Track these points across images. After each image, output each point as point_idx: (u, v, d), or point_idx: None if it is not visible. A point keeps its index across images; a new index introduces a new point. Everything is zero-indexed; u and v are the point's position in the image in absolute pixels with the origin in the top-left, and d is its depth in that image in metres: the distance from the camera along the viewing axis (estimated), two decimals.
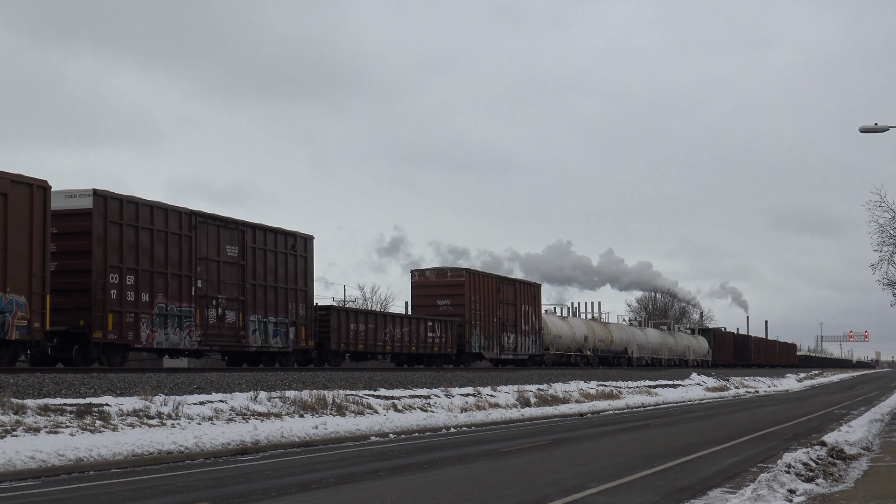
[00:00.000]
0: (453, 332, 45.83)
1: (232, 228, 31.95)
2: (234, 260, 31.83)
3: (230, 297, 31.52)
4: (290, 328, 34.47)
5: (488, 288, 48.89)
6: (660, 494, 13.87)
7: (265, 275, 33.30)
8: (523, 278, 60.47)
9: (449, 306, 46.85)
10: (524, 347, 52.90)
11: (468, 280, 47.09)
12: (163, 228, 28.82)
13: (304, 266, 35.48)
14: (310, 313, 35.79)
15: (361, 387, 30.38)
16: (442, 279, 47.68)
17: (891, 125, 29.75)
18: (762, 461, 18.54)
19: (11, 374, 21.61)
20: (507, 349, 50.74)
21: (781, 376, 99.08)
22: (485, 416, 30.27)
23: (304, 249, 35.61)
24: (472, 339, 47.02)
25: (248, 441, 20.06)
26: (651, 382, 55.25)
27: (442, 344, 44.76)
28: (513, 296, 51.79)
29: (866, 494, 12.98)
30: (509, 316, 51.08)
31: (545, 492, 13.81)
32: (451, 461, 18.10)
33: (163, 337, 28.47)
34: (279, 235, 34.33)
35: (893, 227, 35.55)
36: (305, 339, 35.46)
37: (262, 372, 29.93)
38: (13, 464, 15.21)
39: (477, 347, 47.39)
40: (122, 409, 20.42)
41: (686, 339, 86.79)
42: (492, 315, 48.91)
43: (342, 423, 24.11)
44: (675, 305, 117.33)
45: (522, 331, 52.65)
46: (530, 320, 53.96)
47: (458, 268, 49.17)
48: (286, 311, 34.34)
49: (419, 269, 49.47)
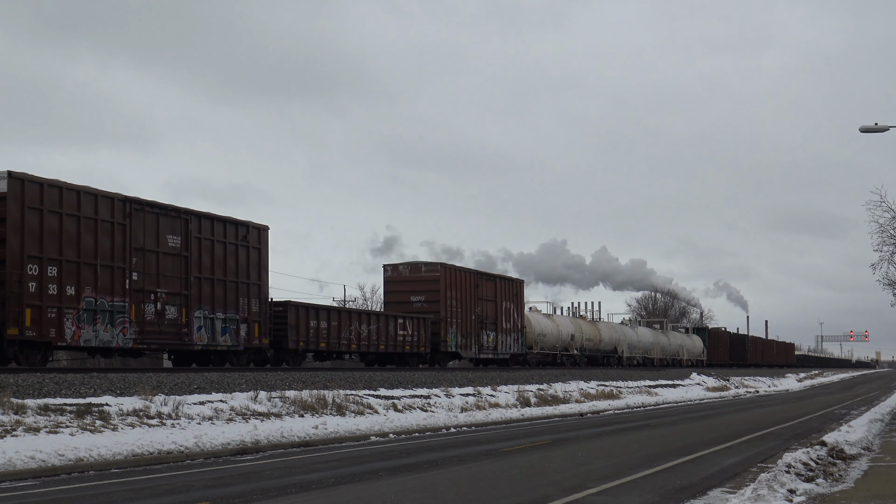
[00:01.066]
0: (427, 329, 43.07)
1: (173, 217, 29.46)
2: (175, 251, 29.37)
3: (171, 291, 29.07)
4: (241, 325, 32.00)
5: (466, 283, 46.41)
6: (660, 494, 13.87)
7: (212, 267, 30.81)
8: (504, 273, 57.25)
9: (423, 303, 44.25)
10: (505, 346, 50.46)
11: (443, 275, 44.53)
12: (92, 216, 26.36)
13: (257, 258, 32.98)
14: (264, 309, 33.22)
15: (361, 387, 30.39)
16: (416, 274, 44.91)
17: (891, 125, 29.75)
18: (762, 461, 18.54)
19: (11, 374, 21.62)
20: (487, 348, 48.40)
21: (781, 376, 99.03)
22: (485, 416, 30.27)
23: (258, 240, 33.08)
24: (448, 338, 44.53)
25: (248, 441, 20.06)
26: (651, 382, 55.25)
27: (414, 342, 42.11)
28: (493, 292, 49.32)
29: (866, 494, 12.98)
30: (489, 313, 48.64)
31: (545, 492, 13.81)
32: (452, 461, 18.10)
33: (91, 334, 26.07)
34: (229, 225, 31.82)
35: (893, 226, 35.54)
36: (259, 336, 32.93)
37: (262, 372, 29.92)
38: (13, 464, 15.21)
39: (453, 346, 45.03)
40: (122, 408, 20.43)
41: (680, 338, 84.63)
42: (470, 312, 46.51)
43: (342, 423, 24.11)
44: (675, 305, 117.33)
45: (503, 329, 50.13)
46: (512, 318, 51.40)
47: (432, 262, 45.93)
48: (237, 307, 31.87)
49: (391, 264, 46.43)
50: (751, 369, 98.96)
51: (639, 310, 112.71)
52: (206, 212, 31.00)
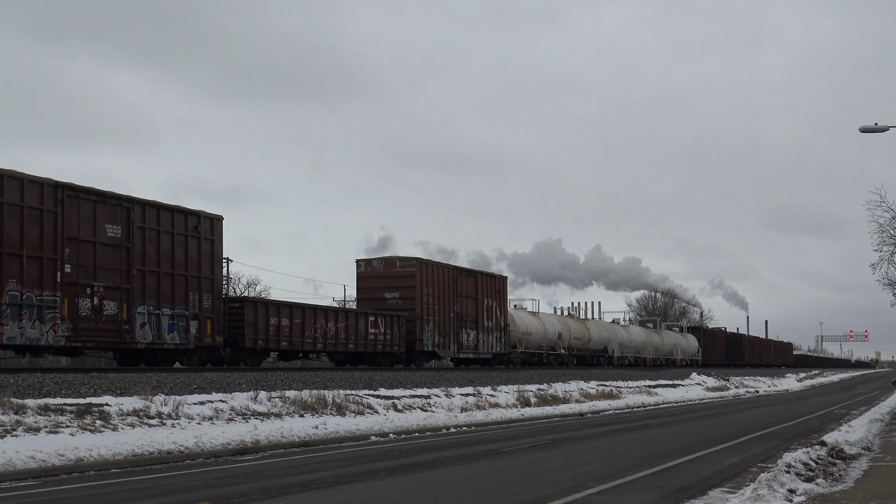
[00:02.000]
0: (401, 327, 40.88)
1: (113, 205, 27.29)
2: (116, 241, 27.18)
3: (110, 284, 26.87)
4: (191, 322, 29.78)
5: (444, 280, 44.22)
6: (660, 494, 13.87)
7: (158, 259, 28.65)
8: (488, 270, 54.86)
9: (398, 300, 42.12)
10: (487, 345, 48.37)
11: (419, 270, 42.35)
12: (17, 202, 24.42)
13: (209, 250, 30.74)
14: (217, 305, 31.00)
15: (361, 387, 30.39)
16: (390, 269, 42.66)
17: (891, 125, 29.76)
18: (762, 461, 18.54)
19: (11, 374, 21.64)
20: (467, 347, 46.26)
21: (781, 376, 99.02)
22: (485, 416, 30.27)
23: (211, 231, 30.85)
24: (424, 336, 42.32)
25: (248, 441, 20.06)
26: (651, 382, 55.26)
27: (387, 341, 39.89)
28: (473, 288, 47.27)
29: (866, 494, 12.98)
30: (469, 310, 46.59)
31: (545, 492, 13.81)
32: (452, 461, 18.10)
33: (16, 331, 24.09)
34: (177, 214, 29.61)
35: (893, 227, 35.57)
36: (212, 334, 30.70)
37: (262, 372, 29.91)
38: (13, 464, 15.21)
39: (430, 345, 42.86)
40: (122, 408, 20.43)
41: (674, 337, 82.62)
42: (448, 310, 44.37)
43: (342, 423, 24.12)
44: (675, 305, 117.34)
45: (485, 327, 48.03)
46: (494, 315, 49.31)
47: (407, 257, 43.62)
48: (186, 302, 29.64)
49: (364, 259, 43.98)
50: (748, 369, 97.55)
51: (639, 310, 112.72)
52: (151, 200, 29.03)
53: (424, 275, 42.60)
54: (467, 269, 49.19)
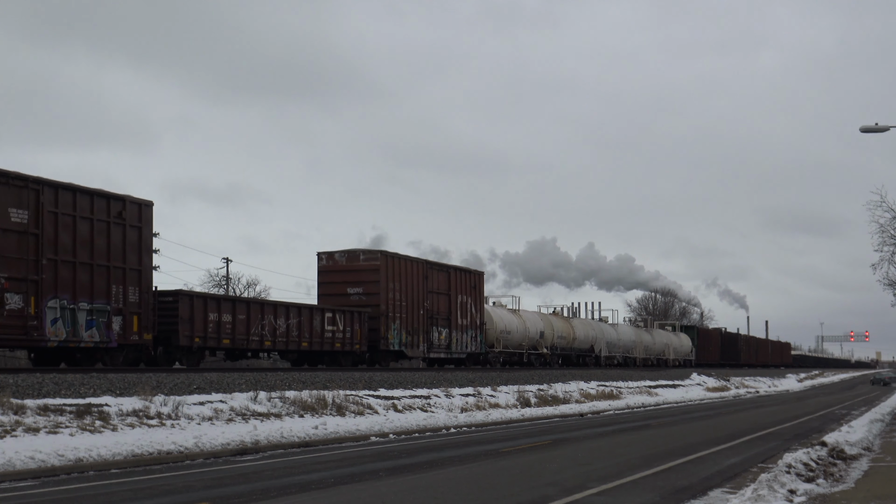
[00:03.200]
0: (363, 325, 38.02)
1: (18, 186, 24.35)
2: (21, 227, 24.33)
3: (14, 275, 24.07)
4: (113, 318, 26.72)
5: (413, 274, 41.52)
6: (660, 494, 13.86)
7: (74, 248, 25.73)
8: (459, 265, 51.03)
9: (361, 295, 39.36)
10: (461, 344, 45.52)
11: (384, 264, 39.65)
12: None
13: (137, 239, 27.65)
14: (146, 299, 27.90)
15: (361, 387, 30.38)
16: (353, 263, 39.88)
17: (891, 125, 29.74)
18: (763, 461, 18.53)
19: (11, 374, 21.62)
20: (438, 346, 43.50)
21: (782, 376, 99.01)
22: (485, 417, 30.26)
23: (138, 218, 27.73)
24: (390, 335, 39.59)
25: (248, 441, 20.05)
26: (651, 383, 55.26)
27: (347, 340, 36.99)
28: (446, 284, 44.35)
29: (867, 495, 12.97)
30: (441, 308, 43.76)
31: (545, 492, 13.80)
32: (452, 461, 18.09)
33: None
34: (98, 198, 26.56)
35: (894, 227, 35.58)
36: (139, 331, 27.68)
37: (262, 372, 29.88)
38: (13, 464, 15.20)
39: (396, 344, 40.06)
40: (121, 409, 20.42)
41: (665, 336, 79.45)
42: (417, 306, 41.65)
43: (342, 424, 24.10)
44: (675, 305, 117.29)
45: (458, 325, 45.19)
46: (469, 313, 46.39)
47: (371, 250, 40.87)
48: (108, 296, 26.54)
49: (326, 252, 40.81)
50: (745, 369, 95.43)
51: (639, 310, 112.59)
52: (66, 182, 25.95)
53: (390, 269, 40.04)
54: (439, 263, 46.18)
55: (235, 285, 76.87)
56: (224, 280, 74.49)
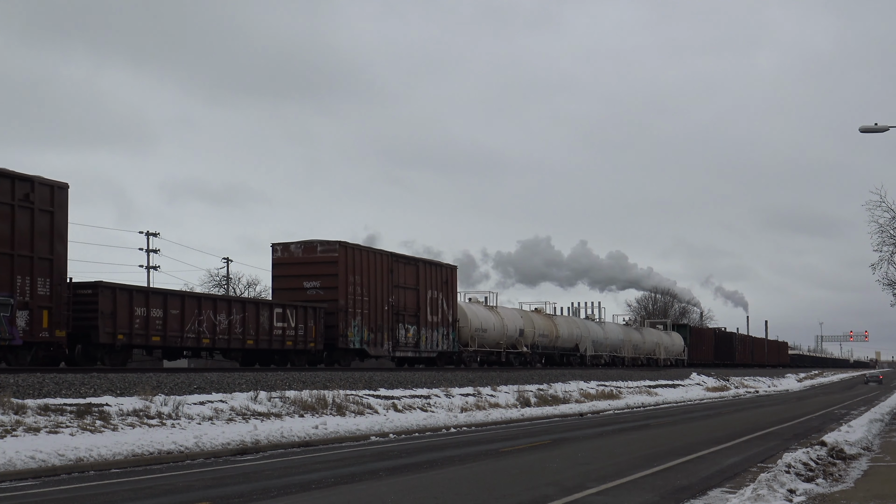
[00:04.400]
0: (318, 321, 35.35)
1: None
2: None
3: None
4: (18, 312, 24.24)
5: (376, 268, 38.91)
6: (660, 494, 13.87)
7: None
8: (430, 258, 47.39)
9: (319, 290, 36.76)
10: (431, 343, 42.80)
11: (343, 256, 36.96)
12: None
13: (48, 225, 25.17)
14: (59, 291, 25.36)
15: (361, 387, 30.39)
16: (310, 255, 37.29)
17: (891, 125, 29.74)
18: (762, 461, 18.55)
19: (11, 374, 21.62)
20: (406, 345, 40.91)
21: (781, 376, 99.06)
22: (485, 416, 30.28)
23: (50, 202, 25.25)
24: (350, 332, 36.92)
25: (248, 441, 20.06)
26: (651, 382, 55.30)
27: (300, 337, 34.34)
28: (414, 278, 41.70)
29: (866, 494, 12.98)
30: (408, 303, 41.10)
31: (545, 492, 13.82)
32: (452, 461, 18.10)
33: None
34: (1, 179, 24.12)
35: (893, 227, 35.56)
36: (50, 327, 25.09)
37: (262, 372, 29.89)
38: (13, 464, 15.21)
39: (357, 342, 37.40)
40: (122, 409, 20.44)
41: (656, 335, 76.79)
42: (381, 302, 39.01)
43: (342, 423, 24.12)
44: (675, 305, 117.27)
45: (428, 322, 42.49)
46: (440, 309, 43.58)
47: (330, 240, 37.56)
48: (11, 288, 24.07)
49: (281, 243, 38.13)
50: (740, 369, 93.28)
51: (638, 310, 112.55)
52: None
53: (350, 261, 37.37)
54: (406, 255, 43.17)
55: (236, 285, 76.87)
56: (225, 280, 74.49)
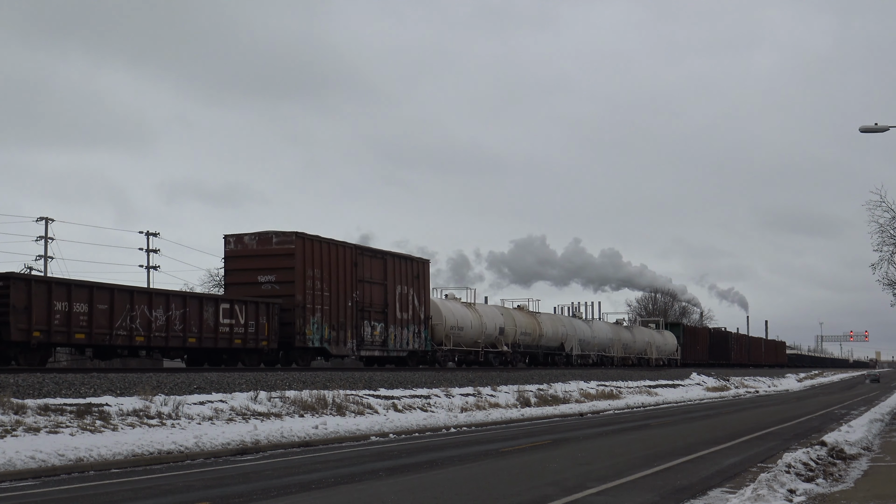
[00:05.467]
0: (272, 318, 33.00)
1: None
2: None
3: None
4: None
5: (338, 261, 36.57)
6: (660, 494, 13.87)
7: None
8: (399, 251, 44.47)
9: (274, 284, 34.37)
10: (400, 341, 40.39)
11: (301, 248, 34.70)
12: None
13: None
14: None
15: (361, 387, 30.38)
16: (265, 247, 34.82)
17: (890, 125, 29.73)
18: (762, 461, 18.55)
19: (11, 374, 21.63)
20: (371, 343, 38.56)
21: (781, 376, 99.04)
22: (485, 416, 30.28)
23: None
24: (308, 330, 34.51)
25: (248, 441, 20.06)
26: (651, 382, 55.29)
27: (250, 335, 31.86)
28: (381, 273, 39.40)
29: (866, 494, 12.98)
30: (374, 299, 38.76)
31: (545, 492, 13.81)
32: (452, 461, 18.10)
33: None
34: None
35: (893, 227, 35.56)
36: None
37: (262, 372, 29.88)
38: (13, 464, 15.21)
39: (317, 340, 34.93)
40: (122, 409, 20.43)
41: (647, 334, 74.40)
42: (345, 297, 36.65)
43: (342, 423, 24.12)
44: (675, 305, 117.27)
45: (397, 319, 40.14)
46: (411, 306, 41.25)
47: (286, 231, 35.07)
48: None
49: (235, 234, 35.43)
50: (736, 369, 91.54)
51: (639, 310, 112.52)
52: None
53: (309, 254, 35.06)
54: (372, 248, 40.54)
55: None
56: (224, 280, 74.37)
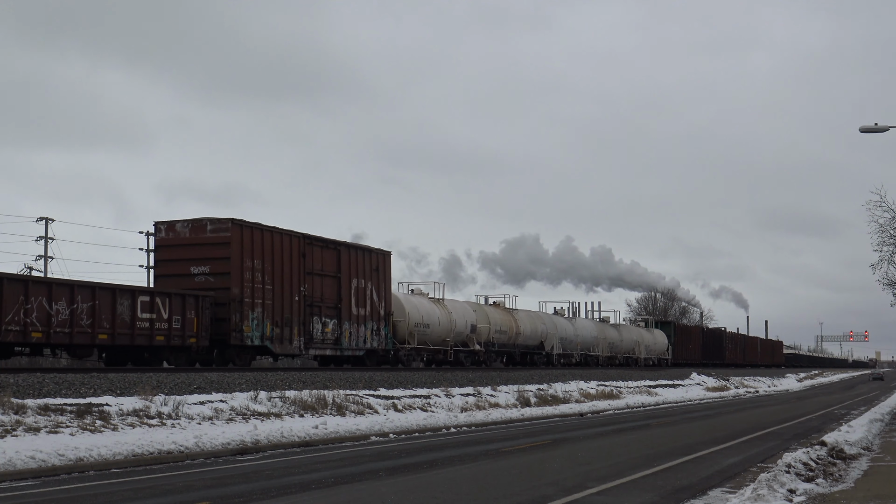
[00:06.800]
0: (203, 313, 30.00)
1: None
2: None
3: None
4: None
5: (283, 251, 33.73)
6: (660, 494, 13.88)
7: None
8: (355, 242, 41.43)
9: (208, 276, 31.35)
10: (356, 339, 37.56)
11: (238, 236, 31.66)
12: None
13: None
14: None
15: (361, 387, 30.38)
16: (198, 235, 31.75)
17: (890, 125, 29.73)
18: (762, 461, 18.55)
19: (11, 374, 21.64)
20: (323, 341, 35.70)
21: (782, 376, 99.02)
22: (485, 416, 30.27)
23: None
24: (246, 326, 31.61)
25: (248, 441, 20.06)
26: (651, 382, 55.29)
27: (174, 331, 28.93)
28: (334, 265, 36.58)
29: (866, 494, 12.98)
30: (326, 293, 35.92)
31: (545, 492, 13.82)
32: (452, 461, 18.10)
33: None
34: None
35: (893, 227, 35.55)
36: None
37: (262, 372, 29.87)
38: (13, 464, 15.21)
39: (257, 338, 32.04)
40: (122, 408, 20.43)
41: (635, 332, 72.06)
42: (291, 291, 33.88)
43: (342, 423, 24.12)
44: (675, 305, 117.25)
45: (353, 315, 37.30)
46: (368, 301, 38.36)
47: (221, 218, 31.84)
48: None
49: (165, 221, 32.49)
50: (731, 369, 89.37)
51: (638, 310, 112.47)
52: None
53: (248, 243, 32.10)
54: (324, 238, 36.82)
55: None
56: None
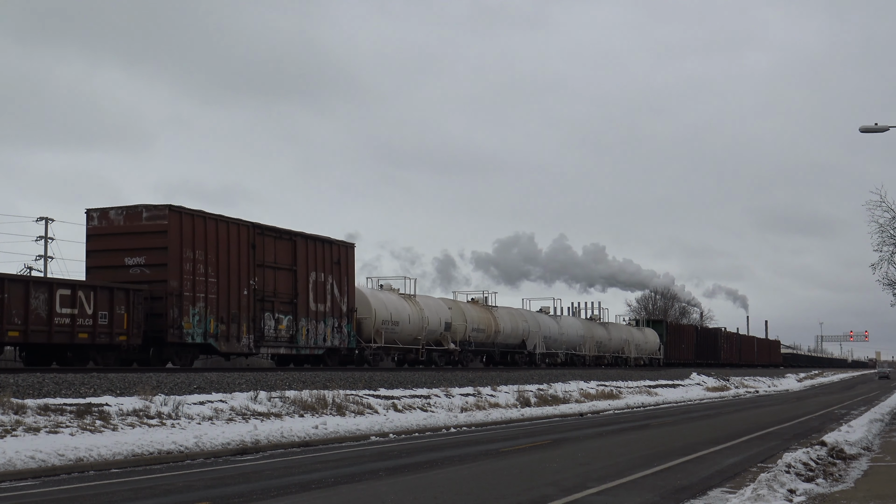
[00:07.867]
0: (134, 308, 27.81)
1: None
2: None
3: None
4: None
5: (230, 242, 31.51)
6: (660, 494, 13.88)
7: None
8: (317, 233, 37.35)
9: (144, 268, 29.27)
10: (314, 337, 35.45)
11: (177, 225, 29.47)
12: None
13: None
14: None
15: (361, 387, 30.38)
16: (133, 223, 29.55)
17: (891, 125, 29.73)
18: (762, 461, 18.55)
19: (11, 374, 21.63)
20: (276, 339, 33.62)
21: (781, 376, 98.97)
22: (485, 416, 30.27)
23: None
24: (187, 323, 29.49)
25: (248, 441, 20.06)
26: (651, 382, 55.29)
27: (100, 328, 26.77)
28: (289, 257, 34.44)
29: (866, 494, 12.98)
30: (280, 287, 33.84)
31: (545, 492, 13.82)
32: (452, 461, 18.10)
33: None
34: None
35: (893, 227, 35.56)
36: None
37: (262, 372, 29.88)
38: (13, 464, 15.21)
39: (199, 335, 29.86)
40: (122, 408, 20.43)
41: (624, 331, 70.27)
42: (239, 285, 31.62)
43: (342, 423, 24.12)
44: (674, 305, 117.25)
45: (311, 312, 35.19)
46: (329, 296, 36.25)
47: (158, 205, 29.66)
48: None
49: (99, 209, 30.10)
50: (726, 369, 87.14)
51: (638, 310, 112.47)
52: None
53: (188, 232, 29.82)
54: (277, 228, 34.49)
55: None
56: None
